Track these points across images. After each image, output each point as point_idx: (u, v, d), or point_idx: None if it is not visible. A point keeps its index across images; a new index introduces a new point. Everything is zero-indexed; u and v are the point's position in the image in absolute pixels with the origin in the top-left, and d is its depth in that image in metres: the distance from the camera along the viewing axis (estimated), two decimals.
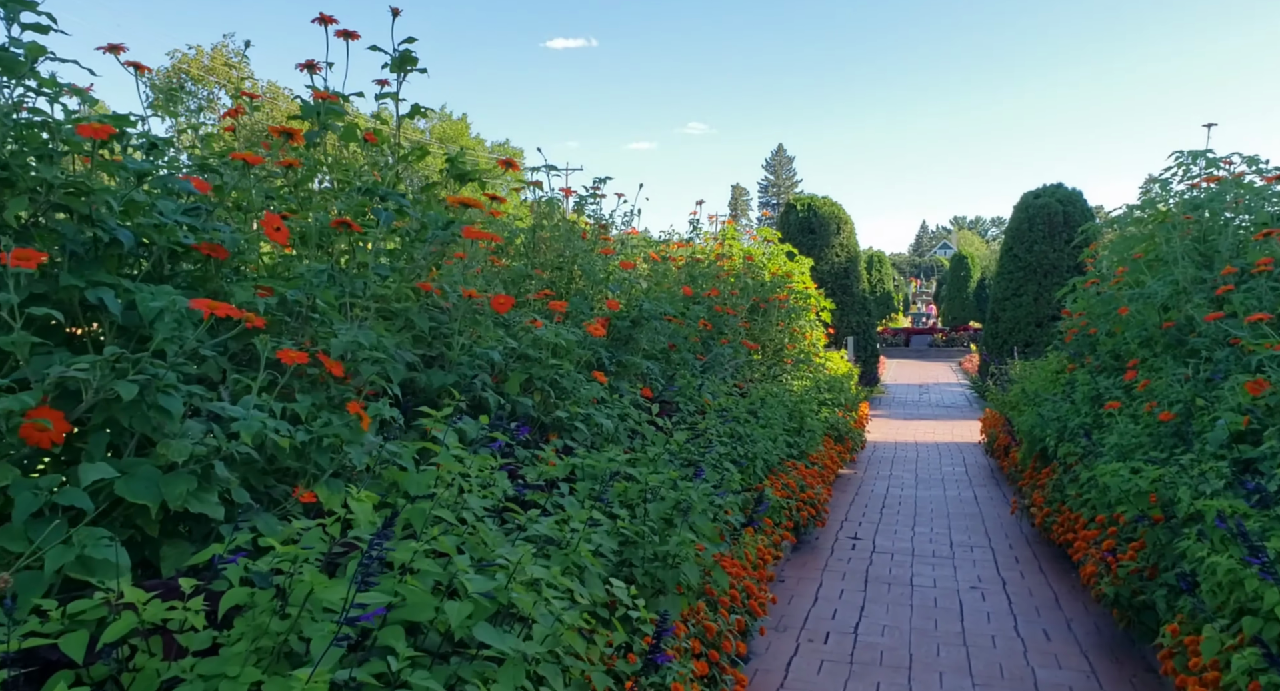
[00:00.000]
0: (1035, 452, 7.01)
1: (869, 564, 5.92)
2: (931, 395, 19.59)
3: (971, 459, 10.80)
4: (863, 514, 7.53)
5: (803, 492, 6.43)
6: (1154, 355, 5.97)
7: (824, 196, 19.73)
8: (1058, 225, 17.34)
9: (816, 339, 12.10)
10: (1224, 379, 4.51)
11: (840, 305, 18.68)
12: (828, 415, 9.09)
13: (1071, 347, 8.36)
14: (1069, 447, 5.96)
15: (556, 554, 2.46)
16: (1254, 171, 6.30)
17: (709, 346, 7.82)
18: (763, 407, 7.03)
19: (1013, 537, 6.66)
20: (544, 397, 3.83)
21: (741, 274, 9.26)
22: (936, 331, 34.05)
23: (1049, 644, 4.36)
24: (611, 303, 4.70)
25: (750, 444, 5.98)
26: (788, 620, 4.71)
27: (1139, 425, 5.10)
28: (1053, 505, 6.06)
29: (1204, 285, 5.41)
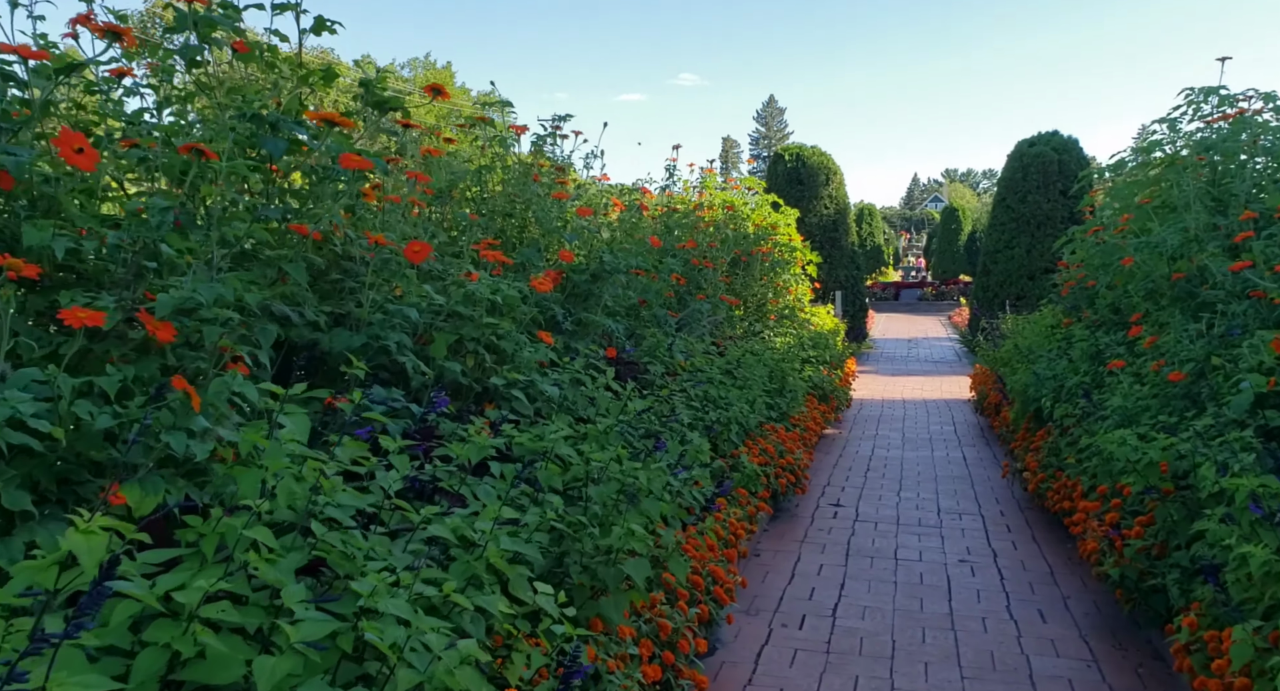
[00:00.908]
0: (1029, 413, 6.61)
1: (851, 534, 5.53)
2: (920, 350, 19.22)
3: (960, 417, 10.43)
4: (846, 478, 7.15)
5: (782, 458, 6.02)
6: (1160, 309, 5.53)
7: (812, 146, 19.08)
8: (1052, 175, 16.78)
9: (802, 293, 11.62)
10: (1242, 335, 4.07)
11: (828, 259, 18.16)
12: (811, 374, 8.67)
13: (1068, 301, 7.92)
14: (1066, 409, 5.55)
15: (460, 561, 2.01)
16: (1271, 109, 5.79)
17: (685, 302, 7.34)
18: (740, 367, 6.58)
19: (1004, 503, 6.29)
20: (478, 362, 3.35)
21: (722, 225, 8.73)
22: (926, 285, 33.62)
23: (1045, 627, 3.99)
24: (565, 254, 4.20)
25: (725, 408, 5.54)
26: (761, 602, 4.33)
27: (1145, 386, 4.67)
28: (1048, 470, 5.67)
29: (1218, 232, 4.94)
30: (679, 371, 5.66)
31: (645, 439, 3.86)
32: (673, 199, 8.95)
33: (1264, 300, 4.15)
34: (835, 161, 18.85)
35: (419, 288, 3.22)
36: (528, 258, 4.24)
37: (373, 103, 3.36)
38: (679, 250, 7.20)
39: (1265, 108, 5.65)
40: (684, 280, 7.09)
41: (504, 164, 4.82)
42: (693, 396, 5.29)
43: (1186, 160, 5.59)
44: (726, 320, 8.24)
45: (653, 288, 6.05)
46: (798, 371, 8.04)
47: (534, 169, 4.72)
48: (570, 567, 2.59)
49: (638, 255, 5.50)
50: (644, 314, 5.88)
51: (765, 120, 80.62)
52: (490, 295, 3.31)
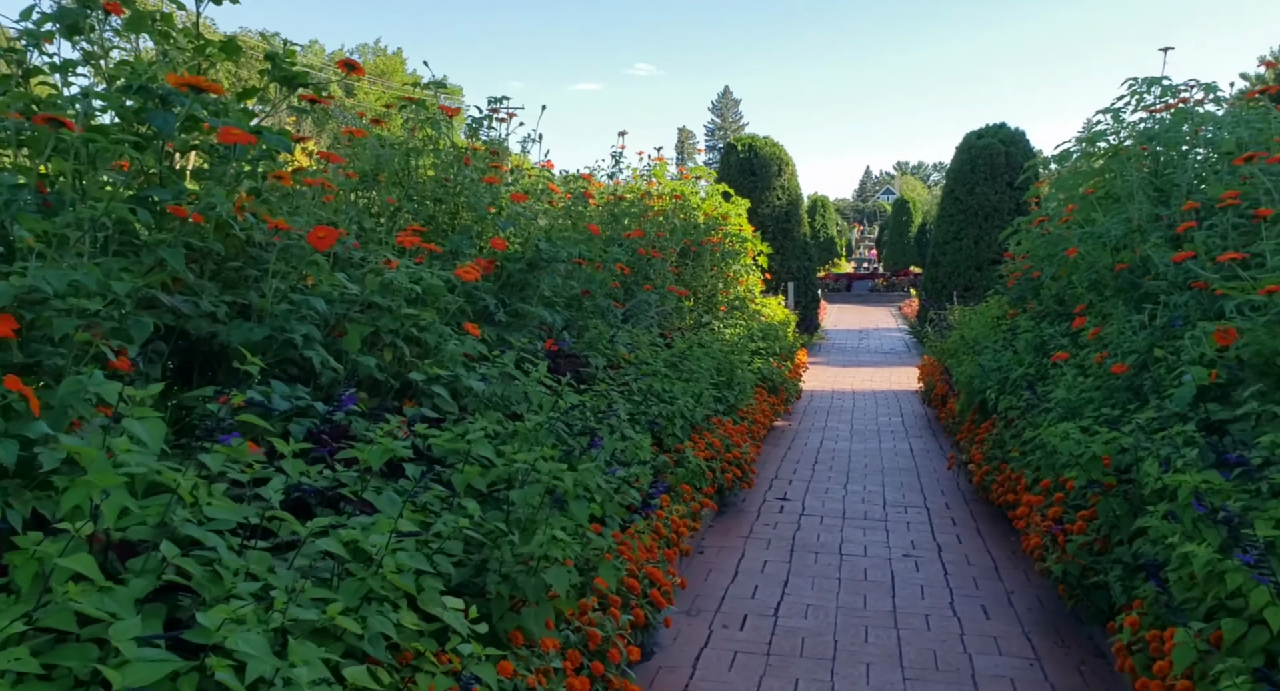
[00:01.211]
0: (974, 405, 6.59)
1: (797, 528, 5.44)
2: (871, 341, 19.36)
3: (909, 408, 10.46)
4: (794, 471, 7.07)
5: (728, 452, 5.90)
6: (1104, 300, 5.52)
7: (765, 137, 19.03)
8: (1000, 167, 16.97)
9: (753, 284, 11.55)
10: (1184, 326, 4.04)
11: (780, 250, 18.15)
12: (761, 365, 8.58)
13: (1014, 292, 7.94)
14: (1010, 401, 5.52)
15: (353, 578, 1.82)
16: (1211, 99, 5.82)
17: (632, 293, 7.17)
18: (687, 360, 6.44)
19: (949, 495, 6.27)
20: (397, 356, 3.14)
21: (671, 214, 8.58)
22: (878, 276, 33.97)
23: (988, 623, 3.92)
24: (497, 241, 4.00)
25: (669, 402, 5.40)
26: (702, 602, 4.20)
27: (1088, 378, 4.64)
28: (992, 463, 5.64)
29: (1160, 223, 4.93)
30: (623, 364, 5.50)
31: (580, 436, 3.69)
32: (620, 187, 8.77)
33: (1205, 291, 4.13)
34: (787, 152, 18.84)
35: (331, 277, 3.00)
36: (457, 245, 4.03)
37: (280, 78, 3.11)
38: (625, 240, 7.03)
39: (1206, 98, 5.67)
40: (629, 270, 6.92)
41: (437, 147, 4.59)
42: (635, 390, 5.14)
43: (1130, 151, 5.59)
44: (675, 311, 8.11)
45: (596, 278, 5.87)
46: (747, 363, 7.94)
47: (467, 153, 4.50)
48: (489, 577, 2.42)
49: (578, 244, 5.32)
50: (587, 305, 5.70)
51: (720, 111, 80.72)
52: (410, 284, 3.10)
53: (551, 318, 4.51)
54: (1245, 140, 4.46)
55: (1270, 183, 3.75)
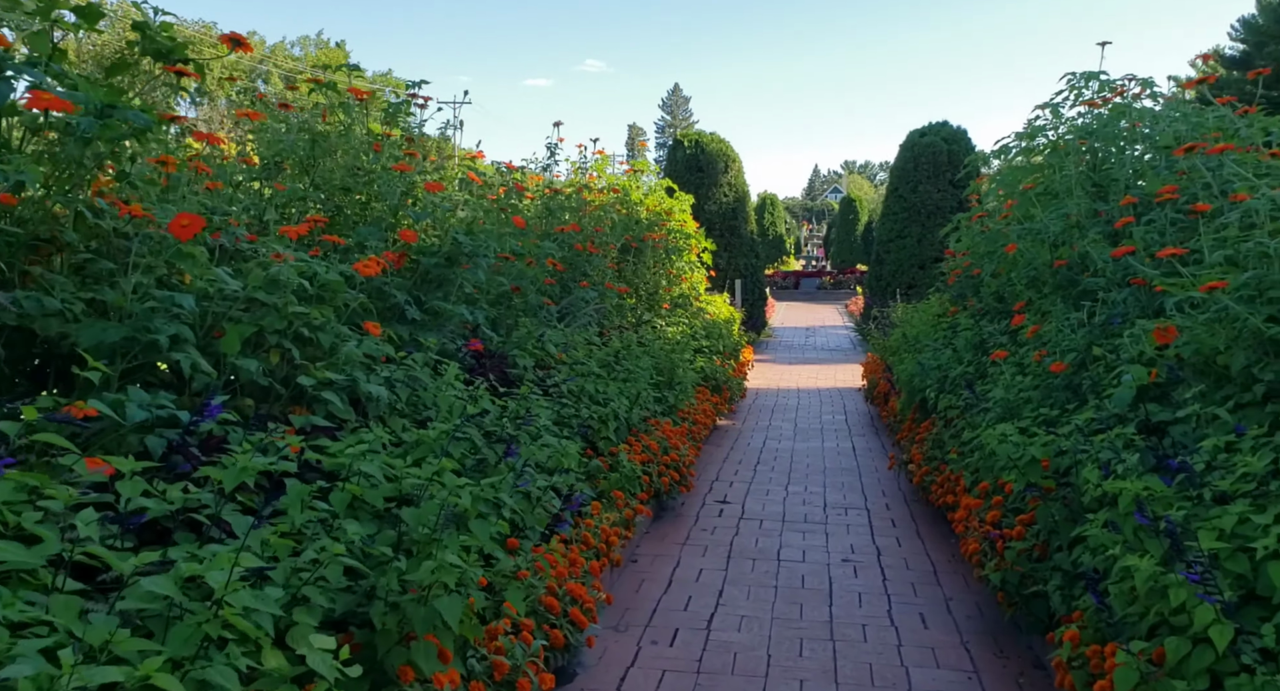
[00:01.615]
0: (915, 404, 6.50)
1: (735, 533, 5.26)
2: (817, 339, 19.40)
3: (852, 405, 10.40)
4: (735, 472, 6.90)
5: (666, 455, 5.69)
6: (1042, 297, 5.45)
7: (712, 133, 18.91)
8: (942, 165, 17.10)
9: (697, 282, 11.38)
10: (1123, 324, 3.95)
11: (728, 247, 18.05)
12: (704, 364, 8.41)
13: (954, 290, 7.90)
14: (950, 400, 5.42)
15: (183, 624, 1.55)
16: (1149, 94, 5.79)
17: (569, 290, 6.92)
18: (625, 359, 6.22)
19: (890, 496, 6.16)
20: (285, 358, 2.85)
21: (610, 208, 8.34)
22: (825, 274, 34.24)
23: (926, 632, 3.78)
24: (407, 233, 3.72)
25: (602, 404, 5.17)
26: (632, 615, 3.98)
27: (1027, 377, 4.54)
28: (932, 463, 5.54)
29: (1099, 219, 4.86)
30: (554, 365, 5.25)
31: (498, 444, 3.44)
32: (557, 181, 8.51)
33: (1144, 288, 4.04)
34: (734, 149, 18.75)
35: (208, 271, 2.70)
36: (364, 237, 3.73)
37: (152, 51, 2.80)
38: (560, 234, 6.78)
39: (1143, 93, 5.63)
40: (564, 267, 6.67)
41: (347, 133, 4.28)
42: (566, 392, 4.90)
43: (1069, 146, 5.53)
44: (615, 309, 7.88)
45: (528, 274, 5.61)
46: (689, 362, 7.76)
47: (379, 139, 4.20)
48: (374, 608, 2.16)
49: (505, 237, 5.05)
50: (517, 303, 5.43)
51: (671, 108, 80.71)
52: (299, 279, 2.81)
53: (473, 315, 4.24)
54: (1183, 135, 4.39)
55: (1210, 176, 3.66)
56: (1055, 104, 6.42)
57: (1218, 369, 2.98)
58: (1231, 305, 2.68)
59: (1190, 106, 5.26)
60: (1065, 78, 6.32)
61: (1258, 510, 2.18)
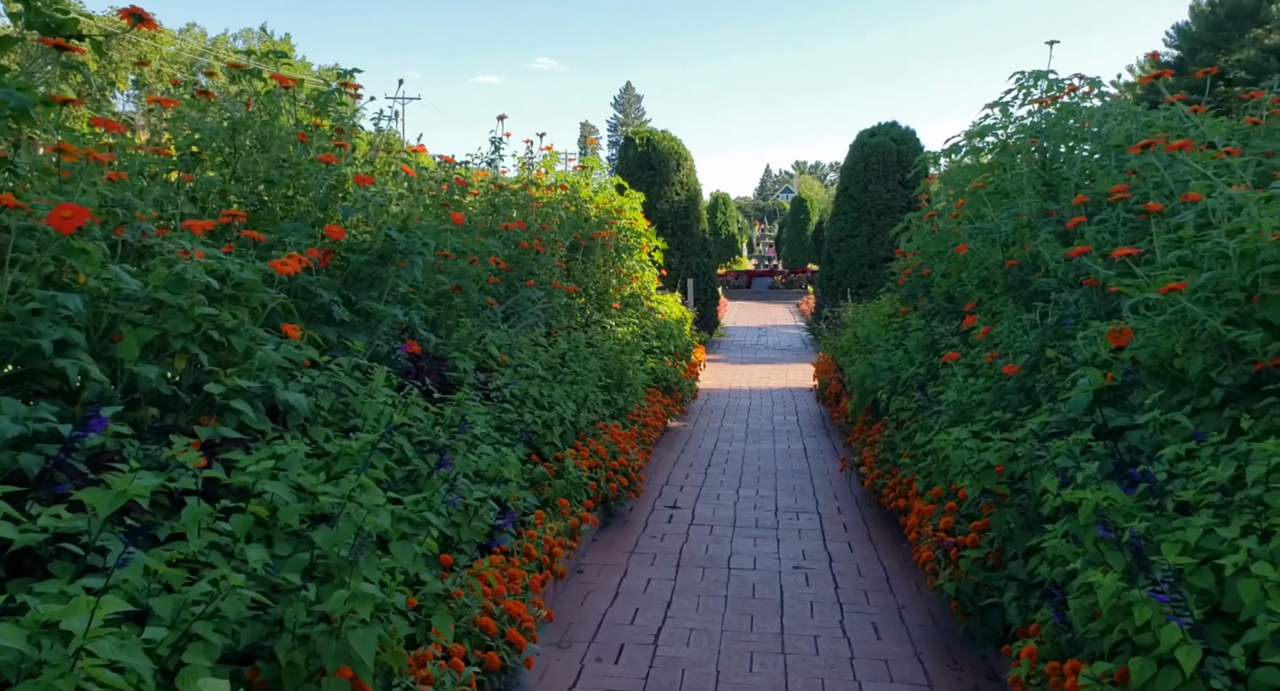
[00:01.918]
0: (866, 405, 6.43)
1: (685, 540, 5.11)
2: (769, 338, 19.43)
3: (804, 406, 10.36)
4: (686, 476, 6.76)
5: (614, 460, 5.52)
6: (993, 298, 5.41)
7: (664, 131, 18.79)
8: (891, 165, 17.23)
9: (648, 281, 11.22)
10: (1076, 325, 3.89)
11: (680, 246, 17.94)
12: (655, 366, 8.25)
13: (905, 290, 7.87)
14: (902, 402, 5.34)
15: (33, 682, 1.33)
16: (1096, 94, 5.79)
17: (515, 289, 6.70)
18: (573, 361, 6.03)
19: (842, 499, 6.07)
20: (192, 364, 2.61)
21: (557, 205, 8.13)
22: (777, 273, 34.42)
23: (879, 643, 3.67)
24: (333, 229, 3.47)
25: (548, 408, 4.97)
26: (576, 631, 3.79)
27: (980, 379, 4.47)
28: (884, 466, 5.46)
29: (1050, 219, 4.81)
30: (497, 367, 5.04)
31: (430, 454, 3.23)
32: (505, 177, 8.27)
33: (1097, 288, 3.99)
34: (686, 147, 18.64)
35: (103, 269, 2.45)
36: (288, 233, 3.48)
37: (39, 26, 2.52)
38: (505, 231, 6.55)
39: (1091, 92, 5.63)
40: (507, 265, 6.45)
41: (272, 122, 4.02)
42: (510, 396, 4.69)
43: (1020, 145, 5.49)
44: (564, 309, 7.68)
45: (470, 273, 5.38)
46: (639, 364, 7.60)
47: (304, 129, 3.95)
48: (280, 642, 1.94)
49: (444, 234, 4.82)
50: (458, 302, 5.20)
51: (623, 106, 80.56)
52: (208, 278, 2.57)
53: (407, 316, 4.01)
54: (1134, 134, 4.36)
55: (1165, 175, 3.61)
56: (1004, 103, 6.40)
57: (1174, 372, 2.91)
58: (1190, 307, 2.60)
59: (1138, 107, 5.27)
60: (1014, 77, 6.31)
61: (1222, 522, 2.09)
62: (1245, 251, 2.53)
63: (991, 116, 6.51)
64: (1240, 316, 2.60)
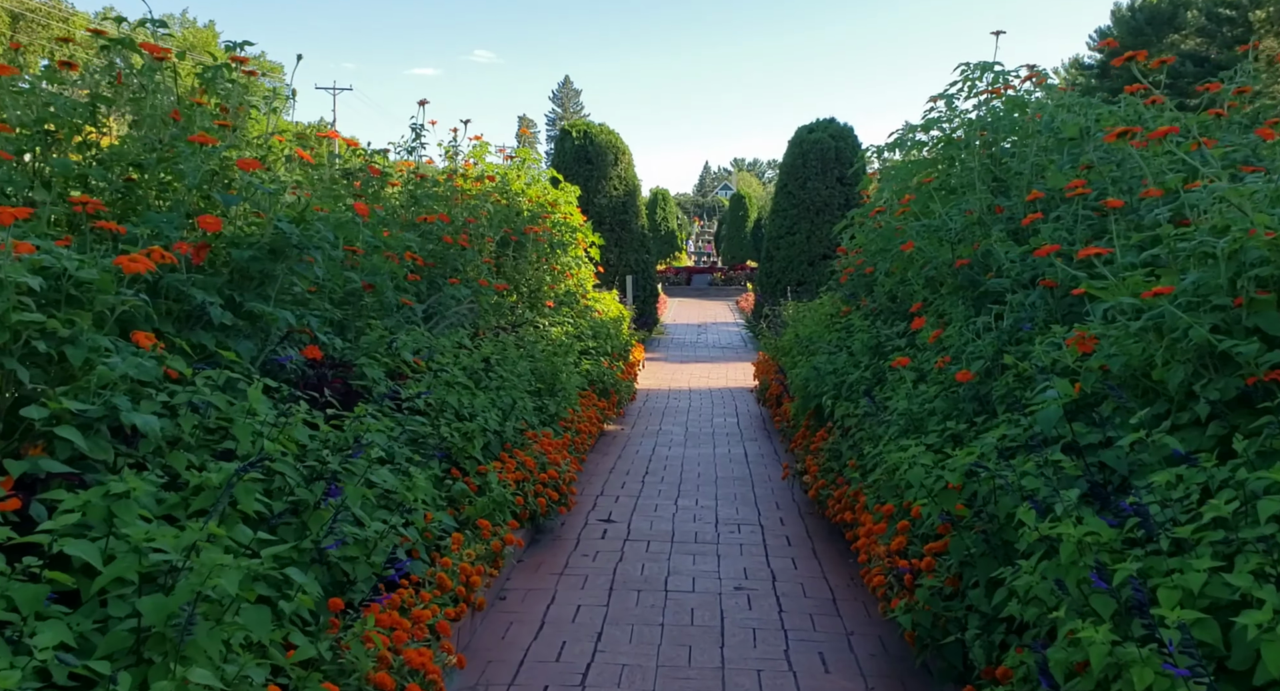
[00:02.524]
0: (809, 410, 6.16)
1: (619, 559, 4.74)
2: (709, 336, 19.21)
3: (744, 407, 10.10)
4: (622, 485, 6.40)
5: (544, 472, 5.12)
6: (941, 298, 5.17)
7: (601, 124, 18.38)
8: (830, 161, 17.15)
9: (584, 278, 10.83)
10: (1034, 330, 3.65)
11: (618, 242, 17.58)
12: (590, 368, 7.87)
13: (846, 289, 7.65)
14: (847, 408, 5.07)
15: None
16: (1043, 87, 5.62)
17: (439, 287, 6.24)
18: (498, 365, 5.61)
19: (784, 509, 5.79)
20: (9, 381, 2.13)
21: (487, 197, 7.68)
22: (716, 270, 34.34)
23: (827, 677, 3.36)
24: (207, 220, 2.99)
25: (468, 418, 4.55)
26: (495, 671, 3.40)
27: (930, 385, 4.20)
28: (828, 476, 5.18)
29: (1000, 215, 4.59)
30: (412, 374, 4.59)
31: (317, 482, 2.79)
32: (432, 167, 7.77)
33: (1053, 290, 3.76)
34: (624, 141, 18.27)
35: None
36: (156, 224, 2.99)
37: None
38: (425, 225, 6.08)
39: (1042, 83, 5.44)
40: (429, 261, 6.00)
41: (144, 98, 3.50)
42: (425, 406, 4.25)
43: (967, 138, 5.26)
44: (493, 308, 7.24)
45: (385, 269, 4.92)
46: (573, 366, 7.20)
47: (177, 106, 3.45)
48: None
49: (352, 226, 4.35)
50: (369, 302, 4.73)
51: (562, 100, 79.73)
52: (27, 276, 2.10)
53: (301, 318, 3.54)
54: (1089, 127, 4.15)
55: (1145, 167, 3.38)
56: (949, 95, 6.19)
57: (1148, 383, 2.66)
58: (1173, 312, 2.34)
59: (1087, 99, 5.09)
60: (959, 68, 6.10)
61: (1227, 566, 1.82)
62: (1233, 252, 2.28)
63: (936, 110, 6.30)
64: (1225, 323, 2.35)
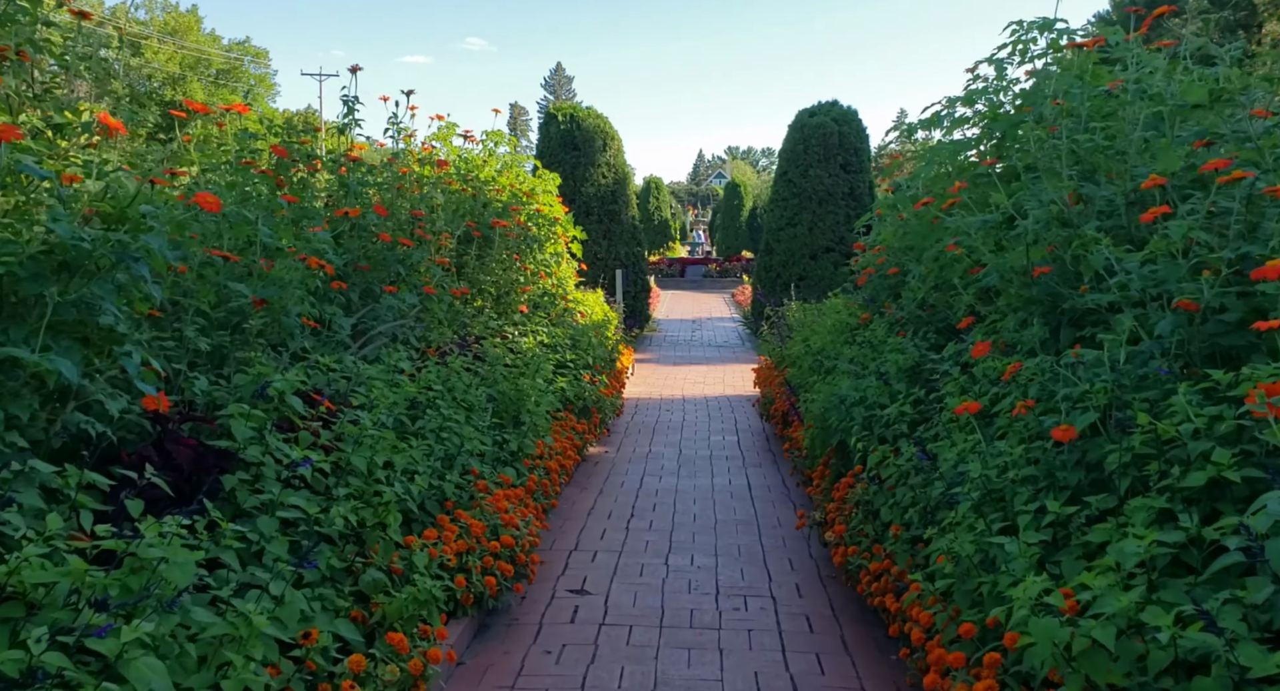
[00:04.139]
0: (831, 446, 5.05)
1: (590, 660, 3.63)
2: (704, 333, 18.11)
3: (745, 420, 9.01)
4: (602, 533, 5.29)
5: (495, 539, 4.01)
6: (995, 312, 4.08)
7: (589, 107, 17.16)
8: (833, 147, 16.01)
9: (565, 277, 9.69)
10: (1176, 374, 2.55)
11: (608, 234, 16.42)
12: (566, 385, 6.75)
13: (866, 291, 6.54)
14: (884, 456, 3.95)
15: None
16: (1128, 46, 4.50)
17: (376, 295, 5.11)
18: (441, 398, 4.49)
19: (801, 569, 4.69)
20: None
21: (440, 184, 6.54)
22: (711, 261, 33.21)
23: None
24: None
25: (385, 482, 3.43)
26: None
27: (1016, 444, 3.08)
28: (860, 540, 4.08)
29: (1089, 208, 3.47)
30: (306, 423, 3.46)
31: (93, 614, 1.67)
32: (382, 149, 6.62)
33: (1197, 314, 2.66)
34: (613, 125, 17.06)
35: None
36: None
37: None
38: (356, 219, 4.95)
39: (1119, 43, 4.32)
40: (359, 266, 4.87)
41: None
42: (313, 477, 3.13)
43: (1037, 107, 4.14)
44: (449, 319, 6.12)
45: (284, 280, 3.79)
46: (545, 386, 6.09)
47: None
48: None
49: (245, 222, 3.22)
50: (252, 325, 3.60)
51: (554, 88, 78.29)
52: None
53: (69, 364, 2.41)
54: (1224, 87, 3.03)
55: None
56: (1000, 59, 5.07)
57: None
58: None
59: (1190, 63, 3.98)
60: (1009, 28, 4.98)
61: None
62: None
63: (982, 78, 5.17)
64: None
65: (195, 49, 50.56)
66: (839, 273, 15.79)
